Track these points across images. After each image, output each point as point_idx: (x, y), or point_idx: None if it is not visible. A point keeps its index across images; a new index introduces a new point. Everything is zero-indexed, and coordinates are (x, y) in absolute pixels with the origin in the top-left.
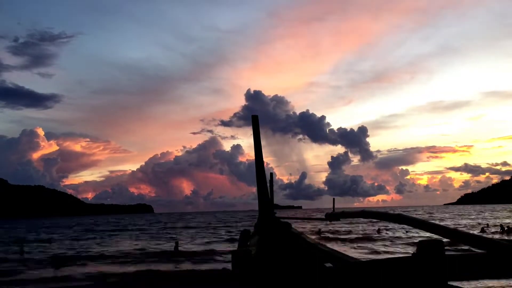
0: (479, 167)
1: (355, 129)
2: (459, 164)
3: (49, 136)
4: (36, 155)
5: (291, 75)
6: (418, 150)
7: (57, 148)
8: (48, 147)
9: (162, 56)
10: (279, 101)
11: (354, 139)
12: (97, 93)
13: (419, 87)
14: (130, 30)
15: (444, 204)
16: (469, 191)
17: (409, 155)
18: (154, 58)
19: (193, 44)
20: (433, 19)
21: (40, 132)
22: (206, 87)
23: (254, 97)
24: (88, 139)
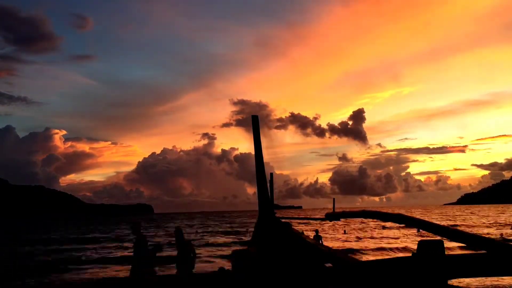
0: (478, 166)
1: (350, 121)
2: (456, 164)
3: (52, 138)
4: (39, 156)
5: (280, 88)
6: (411, 152)
7: (61, 149)
8: (51, 149)
9: (164, 74)
10: (263, 106)
11: (351, 130)
12: (113, 105)
13: (403, 98)
14: (138, 55)
15: (444, 205)
16: (470, 190)
17: (402, 157)
18: (157, 76)
19: (189, 64)
20: (411, 41)
21: (43, 134)
22: (202, 97)
23: (242, 103)
24: (93, 141)
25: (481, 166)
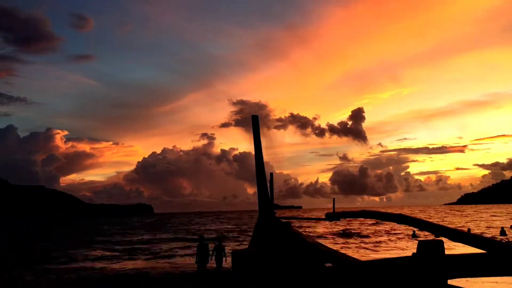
0: (479, 166)
1: (350, 120)
2: (456, 164)
3: (53, 138)
4: (40, 156)
5: (279, 88)
6: (411, 152)
7: (62, 150)
8: (52, 149)
9: (165, 75)
10: (262, 106)
11: (350, 130)
12: (114, 106)
13: (403, 98)
14: (138, 55)
15: (444, 204)
16: (471, 190)
17: (402, 157)
18: (158, 76)
19: (190, 65)
20: (410, 42)
21: (45, 134)
22: (202, 98)
23: (241, 104)
24: (94, 142)
25: (482, 166)
